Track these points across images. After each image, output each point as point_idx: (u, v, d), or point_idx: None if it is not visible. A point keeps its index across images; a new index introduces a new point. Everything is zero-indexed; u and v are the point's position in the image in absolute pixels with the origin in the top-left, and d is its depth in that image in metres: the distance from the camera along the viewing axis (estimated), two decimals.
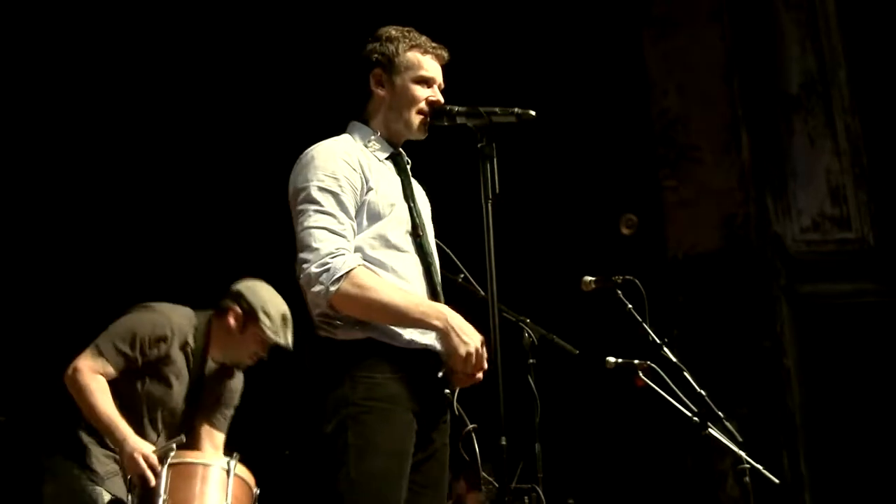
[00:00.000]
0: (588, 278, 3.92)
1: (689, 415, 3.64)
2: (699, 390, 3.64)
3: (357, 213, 2.81)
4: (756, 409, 6.02)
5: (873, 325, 6.72)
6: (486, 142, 2.76)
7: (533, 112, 2.79)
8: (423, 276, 2.88)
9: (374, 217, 2.82)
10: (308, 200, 2.77)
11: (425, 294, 2.85)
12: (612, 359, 3.74)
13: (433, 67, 2.98)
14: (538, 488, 3.79)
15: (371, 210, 2.82)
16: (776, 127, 7.12)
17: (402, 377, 2.74)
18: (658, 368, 3.70)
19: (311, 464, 2.75)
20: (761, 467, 3.65)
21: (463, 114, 2.85)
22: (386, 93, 2.96)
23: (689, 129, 6.75)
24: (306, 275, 2.71)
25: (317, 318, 2.79)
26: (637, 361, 3.72)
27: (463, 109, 2.85)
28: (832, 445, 6.51)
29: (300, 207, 2.78)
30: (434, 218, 3.07)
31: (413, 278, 2.84)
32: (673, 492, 6.11)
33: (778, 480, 3.66)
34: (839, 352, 6.64)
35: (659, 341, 3.73)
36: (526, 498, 3.85)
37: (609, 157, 6.49)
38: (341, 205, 2.77)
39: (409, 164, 3.02)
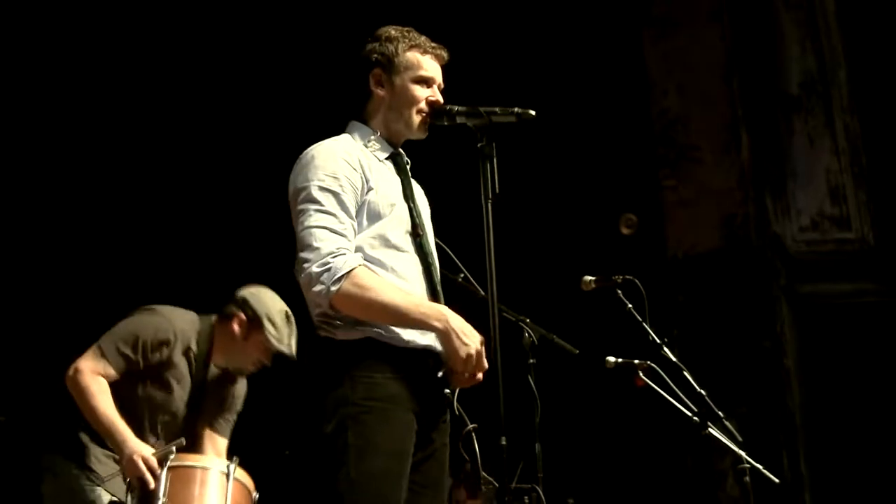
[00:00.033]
0: (588, 278, 3.92)
1: (689, 414, 3.65)
2: (699, 390, 3.64)
3: (357, 212, 2.80)
4: (756, 409, 6.01)
5: (873, 325, 6.71)
6: (486, 141, 2.76)
7: (533, 112, 2.78)
8: (423, 276, 2.88)
9: (375, 217, 2.82)
10: (309, 200, 2.76)
11: (425, 294, 2.85)
12: (611, 358, 3.74)
13: (433, 67, 2.98)
14: (538, 488, 3.79)
15: (371, 210, 2.82)
16: (776, 127, 7.12)
17: (401, 377, 2.74)
18: (658, 368, 3.71)
19: (311, 464, 2.75)
20: (761, 467, 3.65)
21: (463, 113, 2.85)
22: (385, 93, 2.96)
23: (689, 129, 6.74)
24: (307, 274, 2.70)
25: (317, 318, 2.79)
26: (637, 361, 3.72)
27: (463, 109, 2.85)
28: (832, 445, 6.50)
29: (301, 207, 2.78)
30: (434, 218, 3.07)
31: (413, 278, 2.84)
32: (673, 491, 6.11)
33: (778, 480, 3.66)
34: (839, 352, 6.64)
35: (659, 341, 3.73)
36: (526, 498, 3.85)
37: (609, 157, 6.48)
38: (342, 204, 2.77)
39: (408, 164, 3.02)
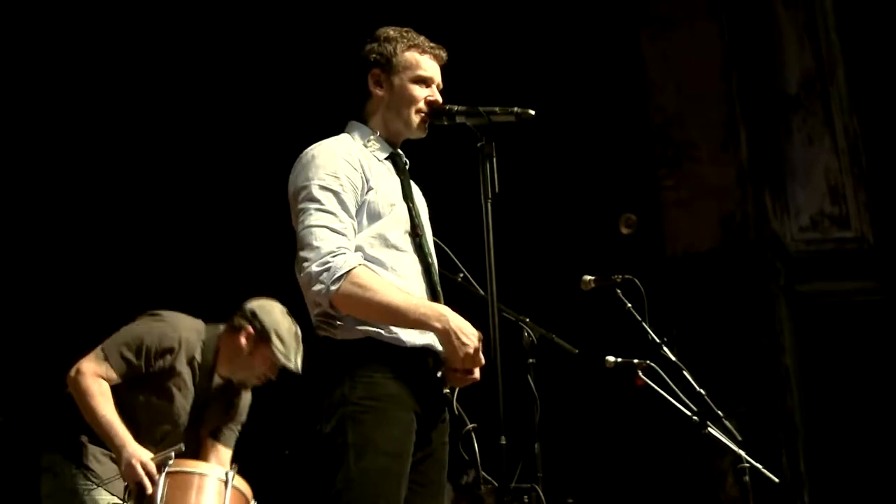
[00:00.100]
0: (587, 277, 3.92)
1: (689, 414, 3.65)
2: (698, 389, 3.64)
3: (357, 212, 2.80)
4: (755, 408, 6.02)
5: (872, 324, 6.72)
6: (485, 141, 2.76)
7: (532, 111, 2.78)
8: (423, 276, 2.87)
9: (374, 216, 2.82)
10: (309, 199, 2.76)
11: (424, 294, 2.84)
12: (611, 358, 3.75)
13: (431, 67, 2.98)
14: (538, 488, 3.79)
15: (371, 209, 2.82)
16: (774, 125, 7.12)
17: (401, 377, 2.73)
18: (657, 367, 3.71)
19: (311, 463, 2.74)
20: (761, 466, 3.65)
21: (462, 113, 2.84)
22: (384, 93, 2.96)
23: (687, 128, 6.75)
24: (307, 273, 2.70)
25: (316, 317, 2.79)
26: (636, 361, 3.72)
27: (462, 109, 2.84)
28: (831, 444, 6.51)
29: (301, 206, 2.77)
30: (434, 217, 3.06)
31: (412, 278, 2.84)
32: (673, 491, 6.11)
33: (777, 479, 3.67)
34: (838, 350, 6.64)
35: (658, 340, 3.73)
36: (526, 497, 3.84)
37: (607, 156, 6.49)
38: (342, 203, 2.76)
39: (407, 164, 3.01)
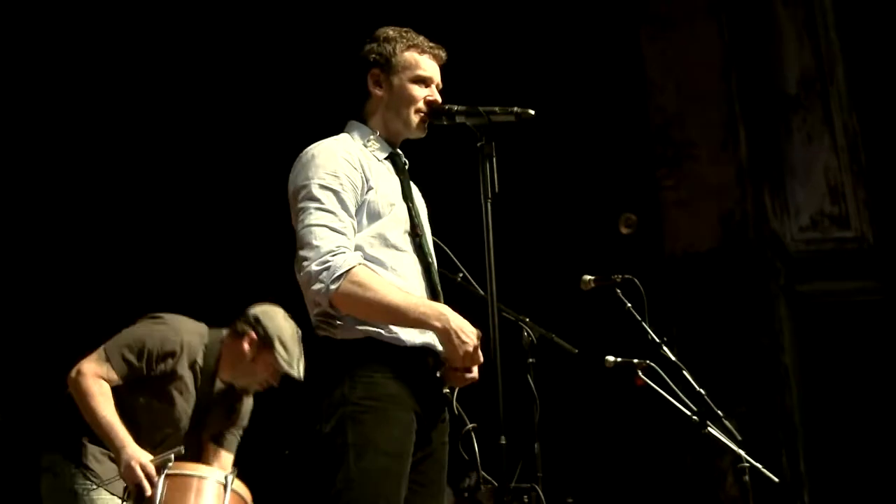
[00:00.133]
0: (587, 277, 3.92)
1: (689, 413, 3.65)
2: (698, 389, 3.64)
3: (357, 211, 2.80)
4: (755, 408, 6.02)
5: (872, 324, 6.72)
6: (485, 141, 2.76)
7: (532, 111, 2.78)
8: (423, 276, 2.87)
9: (374, 216, 2.82)
10: (309, 198, 2.76)
11: (424, 294, 2.84)
12: (611, 358, 3.75)
13: (431, 67, 2.97)
14: (537, 487, 3.78)
15: (371, 209, 2.81)
16: (774, 124, 7.12)
17: (401, 377, 2.73)
18: (657, 367, 3.71)
19: (311, 463, 2.74)
20: (760, 466, 3.65)
21: (462, 113, 2.84)
22: (384, 92, 2.95)
23: (687, 127, 6.74)
24: (306, 272, 2.70)
25: (316, 317, 2.78)
26: (636, 360, 3.72)
27: (462, 108, 2.84)
28: (831, 443, 6.51)
29: (301, 205, 2.77)
30: (433, 217, 3.06)
31: (412, 278, 2.84)
32: (672, 490, 6.11)
33: (777, 479, 3.67)
34: (838, 350, 6.64)
35: (658, 340, 3.73)
36: (525, 497, 3.84)
37: (607, 156, 6.48)
38: (342, 203, 2.76)
39: (406, 164, 3.01)
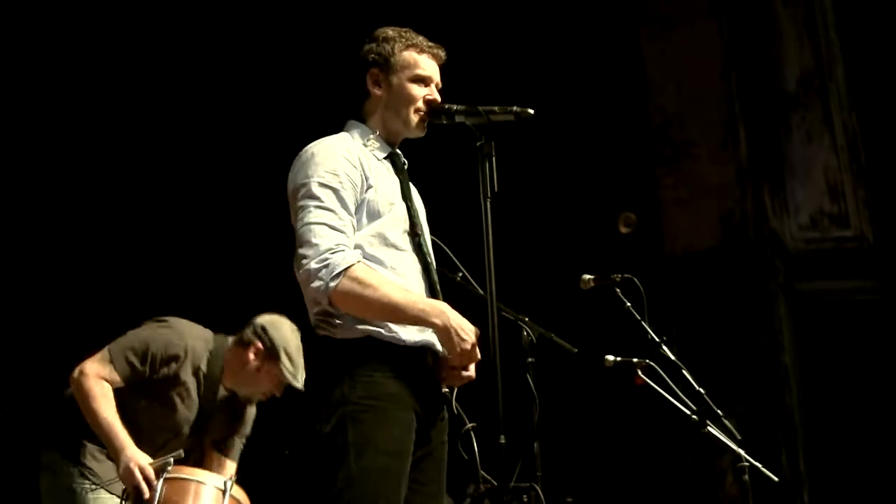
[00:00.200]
0: (587, 276, 3.92)
1: (688, 413, 3.65)
2: (698, 388, 3.64)
3: (357, 210, 2.80)
4: (754, 407, 6.02)
5: (872, 323, 6.72)
6: (484, 140, 2.75)
7: (531, 110, 2.78)
8: (422, 275, 2.87)
9: (374, 215, 2.82)
10: (308, 196, 2.76)
11: (424, 293, 2.84)
12: (610, 357, 3.75)
13: (430, 66, 2.97)
14: (537, 487, 3.78)
15: (370, 208, 2.81)
16: (774, 124, 7.12)
17: (401, 375, 2.73)
18: (657, 366, 3.71)
19: (311, 463, 2.74)
20: (760, 465, 3.65)
21: (462, 112, 2.84)
22: (383, 92, 2.95)
23: (687, 127, 6.74)
24: (305, 270, 2.69)
25: (315, 316, 2.78)
26: (636, 360, 3.72)
27: (462, 108, 2.84)
28: (831, 443, 6.51)
29: (300, 203, 2.77)
30: (433, 217, 3.06)
31: (411, 277, 2.84)
32: (672, 490, 6.11)
33: (777, 478, 3.67)
34: (837, 349, 6.64)
35: (657, 339, 3.73)
36: (525, 496, 3.84)
37: (607, 155, 6.48)
38: (342, 201, 2.76)
39: (405, 165, 3.01)
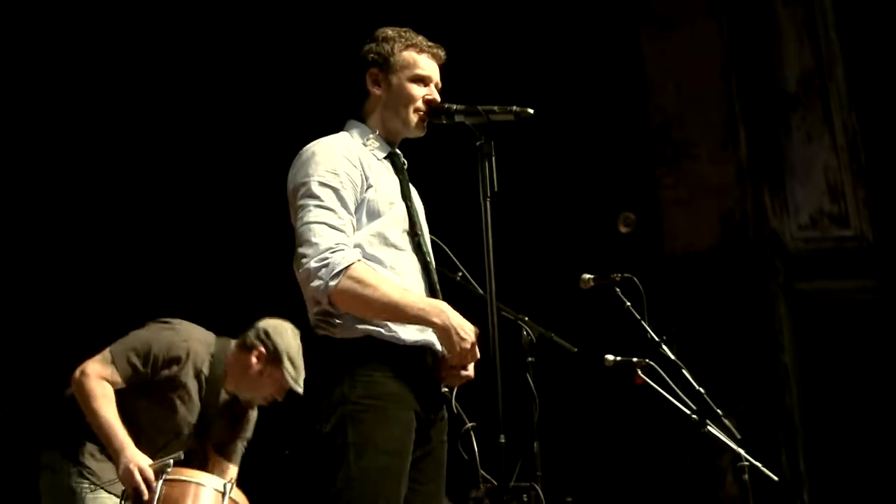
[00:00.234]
0: (586, 276, 3.93)
1: (688, 412, 3.65)
2: (698, 388, 3.65)
3: (356, 209, 2.80)
4: (754, 407, 6.02)
5: (872, 323, 6.72)
6: (484, 140, 2.76)
7: (531, 110, 2.78)
8: (422, 275, 2.87)
9: (374, 215, 2.82)
10: (308, 195, 2.76)
11: (423, 293, 2.84)
12: (610, 357, 3.75)
13: (429, 66, 2.98)
14: (537, 486, 3.79)
15: (370, 208, 2.82)
16: (774, 124, 7.12)
17: (400, 375, 2.73)
18: (657, 366, 3.71)
19: (311, 463, 2.74)
20: (760, 464, 3.66)
21: (461, 112, 2.84)
22: (382, 92, 2.96)
23: (687, 127, 6.74)
24: (305, 269, 2.69)
25: (315, 316, 2.78)
26: (636, 359, 3.73)
27: (461, 108, 2.84)
28: (830, 442, 6.51)
29: (300, 202, 2.77)
30: (432, 216, 3.06)
31: (411, 276, 2.84)
32: (672, 489, 6.11)
33: (777, 477, 3.67)
34: (837, 349, 6.64)
35: (657, 339, 3.74)
36: (525, 496, 3.84)
37: (606, 155, 6.48)
38: (341, 200, 2.76)
39: (405, 165, 3.01)
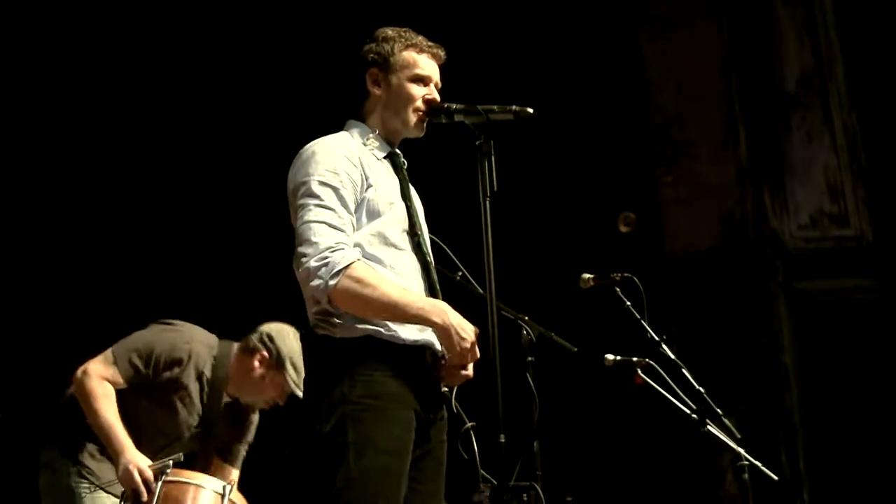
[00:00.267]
0: (586, 276, 3.93)
1: (688, 412, 3.66)
2: (698, 387, 3.65)
3: (356, 209, 2.80)
4: (754, 406, 6.02)
5: (871, 322, 6.72)
6: (484, 139, 2.76)
7: (531, 109, 2.78)
8: (421, 275, 2.87)
9: (374, 214, 2.82)
10: (308, 195, 2.76)
11: (423, 292, 2.84)
12: (610, 356, 3.75)
13: (429, 66, 2.98)
14: (537, 486, 3.79)
15: (370, 207, 2.82)
16: (773, 123, 7.12)
17: (400, 374, 2.73)
18: (656, 366, 3.71)
19: (311, 463, 2.74)
20: (760, 464, 3.66)
21: (461, 111, 2.84)
22: (382, 92, 2.96)
23: (687, 126, 6.75)
24: (305, 269, 2.70)
25: (315, 315, 2.78)
26: (636, 359, 3.73)
27: (461, 107, 2.84)
28: (830, 442, 6.51)
29: (300, 202, 2.77)
30: (432, 216, 3.06)
31: (411, 276, 2.84)
32: (672, 489, 6.11)
33: (777, 477, 3.67)
34: (837, 349, 6.64)
35: (657, 338, 3.74)
36: (524, 496, 3.84)
37: (606, 155, 6.48)
38: (341, 199, 2.76)
39: (405, 165, 3.01)
